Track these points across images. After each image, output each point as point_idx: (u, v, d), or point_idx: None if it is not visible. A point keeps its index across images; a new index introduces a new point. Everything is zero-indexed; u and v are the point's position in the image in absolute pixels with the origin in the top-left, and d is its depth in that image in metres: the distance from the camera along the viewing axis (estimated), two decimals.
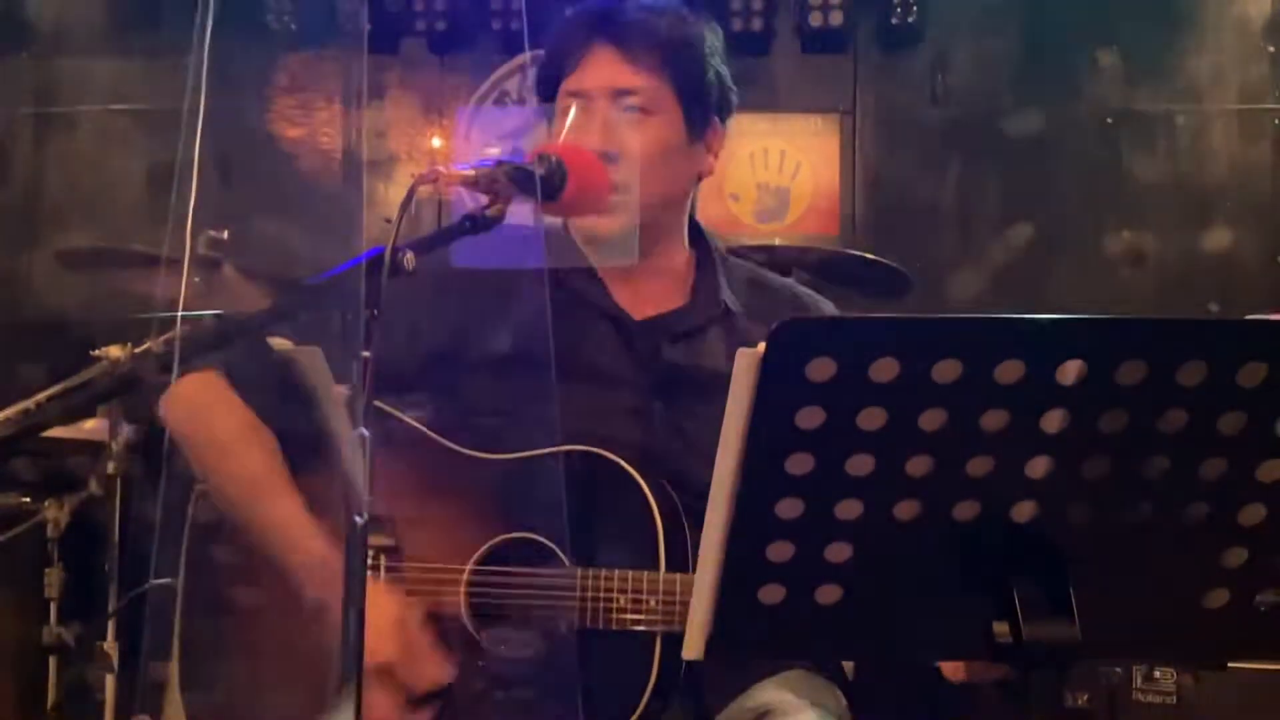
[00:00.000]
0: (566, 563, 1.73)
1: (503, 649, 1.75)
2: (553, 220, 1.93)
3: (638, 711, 1.67)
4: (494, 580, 1.77)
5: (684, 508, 1.73)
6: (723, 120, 1.96)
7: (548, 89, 1.93)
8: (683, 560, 1.72)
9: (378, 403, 1.73)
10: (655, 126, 1.87)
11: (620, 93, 1.86)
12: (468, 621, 1.76)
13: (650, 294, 1.94)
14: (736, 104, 1.98)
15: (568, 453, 1.76)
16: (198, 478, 1.87)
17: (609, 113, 1.85)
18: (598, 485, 1.73)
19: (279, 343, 1.75)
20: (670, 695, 1.71)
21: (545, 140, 1.91)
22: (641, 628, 1.69)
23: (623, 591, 1.70)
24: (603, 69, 1.87)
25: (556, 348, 1.78)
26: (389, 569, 1.76)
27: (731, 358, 1.86)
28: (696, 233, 2.01)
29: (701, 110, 1.92)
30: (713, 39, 1.95)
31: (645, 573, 1.71)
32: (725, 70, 1.95)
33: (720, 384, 1.86)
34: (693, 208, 2.00)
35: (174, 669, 1.85)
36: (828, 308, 2.02)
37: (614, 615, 1.70)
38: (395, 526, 1.77)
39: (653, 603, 1.69)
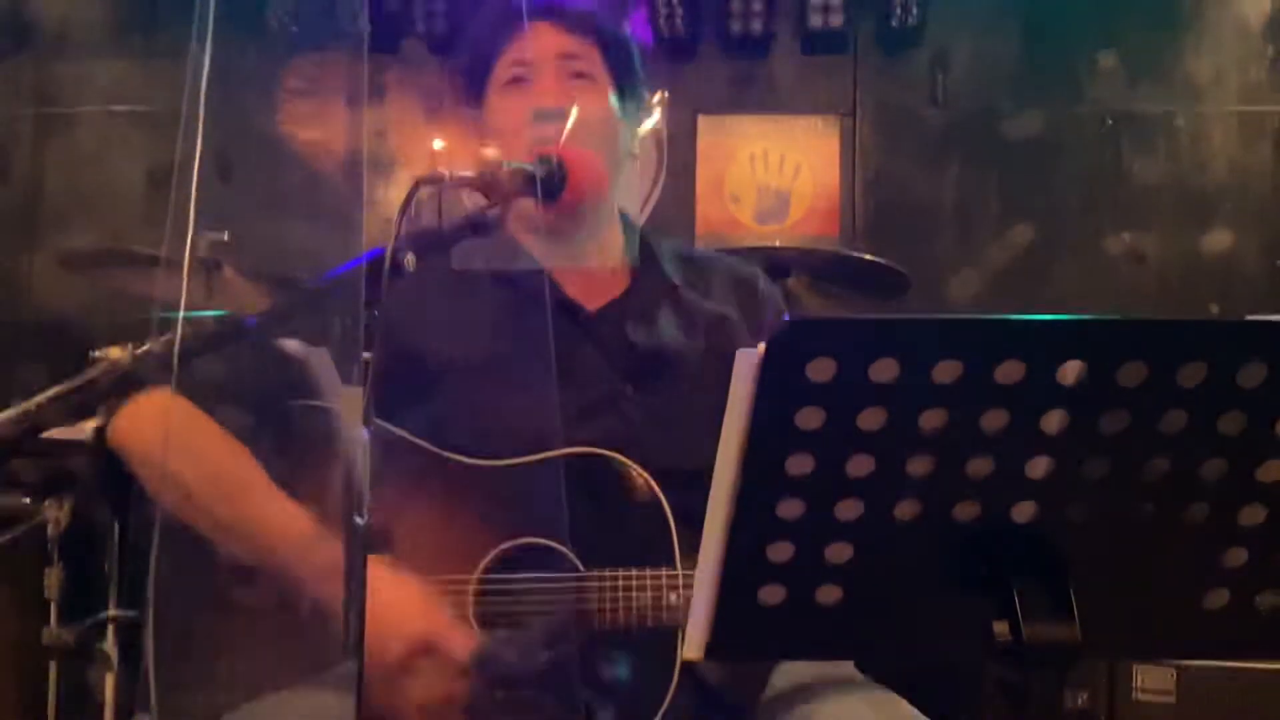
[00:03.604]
0: (580, 566, 1.72)
1: (507, 655, 1.74)
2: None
3: (663, 708, 1.67)
4: (503, 588, 1.76)
5: (674, 496, 1.72)
6: (639, 115, 2.01)
7: (477, 74, 1.95)
8: (691, 550, 1.71)
9: (378, 422, 1.72)
10: (600, 92, 1.91)
11: (566, 57, 1.90)
12: (477, 631, 1.75)
13: (598, 282, 1.95)
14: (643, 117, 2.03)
15: (571, 456, 1.75)
16: (160, 499, 1.80)
17: (558, 78, 1.89)
18: (605, 486, 1.73)
19: (290, 344, 1.75)
20: (695, 690, 1.71)
21: (487, 147, 1.91)
22: (664, 623, 1.69)
23: (641, 589, 1.70)
24: (546, 38, 1.91)
25: (524, 354, 1.79)
26: None
27: (685, 332, 1.90)
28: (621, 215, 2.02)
29: (630, 92, 1.96)
30: (629, 33, 2.02)
31: (664, 570, 1.70)
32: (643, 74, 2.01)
33: (682, 361, 1.89)
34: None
35: (150, 679, 1.83)
36: (762, 280, 2.04)
37: (635, 614, 1.70)
38: (394, 541, 1.75)
39: (673, 598, 1.69)
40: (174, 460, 1.82)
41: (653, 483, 1.72)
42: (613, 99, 1.92)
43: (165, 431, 1.81)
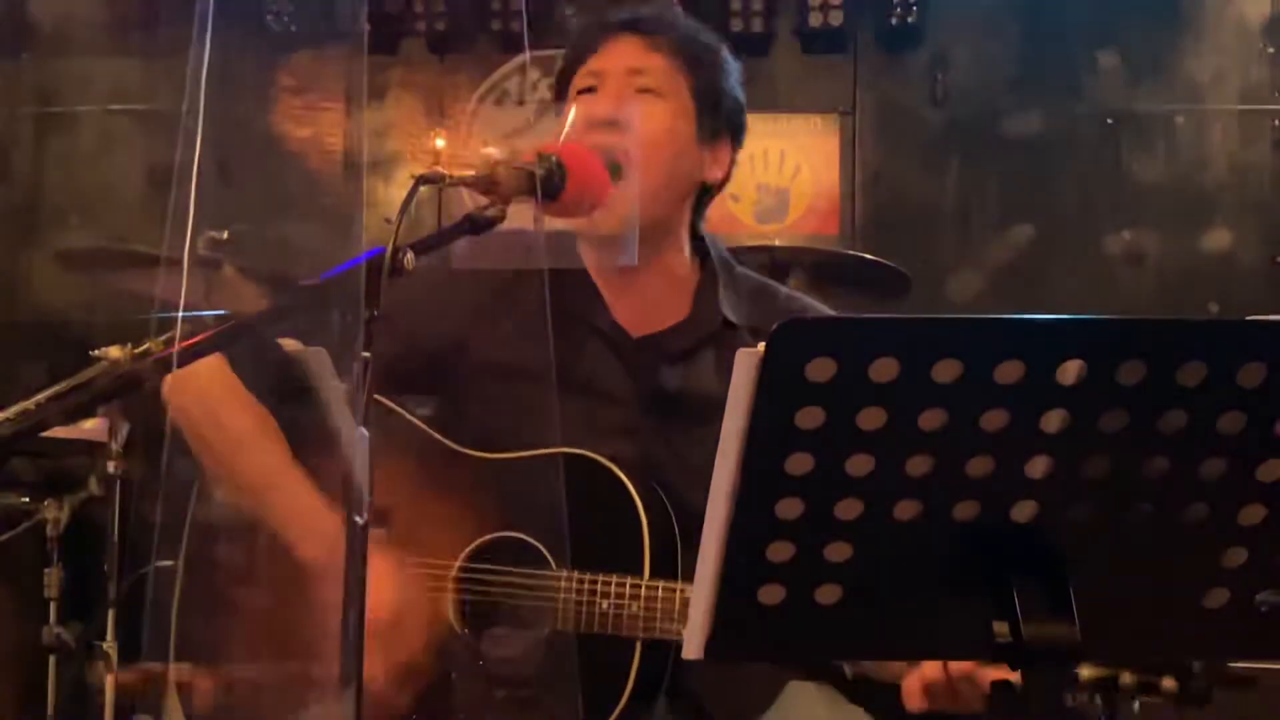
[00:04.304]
0: (553, 564, 1.73)
1: (496, 649, 1.75)
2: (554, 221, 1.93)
3: (612, 718, 1.67)
4: (481, 578, 1.77)
5: (675, 519, 1.73)
6: (734, 143, 1.98)
7: (564, 80, 1.97)
8: (670, 567, 1.71)
9: (379, 398, 1.74)
10: (665, 108, 1.89)
11: (635, 72, 1.90)
12: (453, 618, 1.76)
13: (650, 306, 1.93)
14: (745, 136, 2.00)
15: (560, 455, 1.75)
16: (202, 466, 1.86)
17: (622, 89, 1.89)
18: (588, 488, 1.73)
19: (288, 343, 1.75)
20: (651, 705, 1.71)
21: (554, 137, 1.92)
22: (622, 633, 1.69)
23: (605, 596, 1.70)
24: (622, 51, 1.92)
25: (548, 364, 1.79)
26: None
27: (722, 376, 1.88)
28: (703, 246, 1.99)
29: (713, 115, 1.93)
30: (731, 62, 1.99)
31: (629, 578, 1.70)
32: (741, 97, 1.99)
33: (711, 407, 1.87)
34: (697, 219, 1.99)
35: (170, 668, 1.85)
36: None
37: (596, 620, 1.70)
38: (391, 519, 1.76)
39: (634, 608, 1.69)
40: (207, 427, 1.86)
41: (634, 491, 1.72)
42: (683, 119, 1.90)
43: (198, 399, 1.84)
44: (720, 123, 1.95)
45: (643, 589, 1.70)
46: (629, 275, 1.92)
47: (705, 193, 1.97)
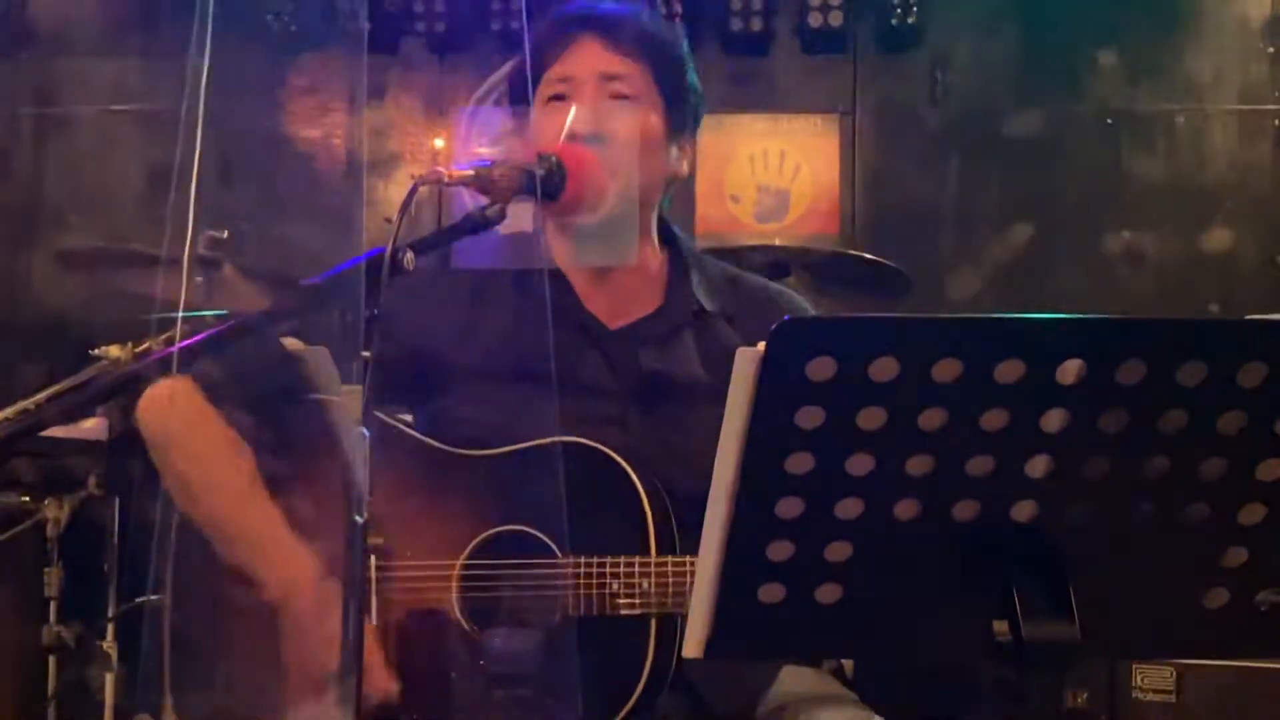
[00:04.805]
0: (558, 553, 1.73)
1: (500, 645, 1.75)
2: (528, 226, 1.94)
3: (632, 700, 1.68)
4: (485, 575, 1.77)
5: (670, 506, 1.73)
6: (693, 129, 2.00)
7: (526, 86, 1.93)
8: (670, 545, 1.72)
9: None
10: (641, 113, 1.89)
11: (607, 78, 1.88)
12: (461, 618, 1.76)
13: (624, 299, 1.93)
14: (704, 114, 2.02)
15: (553, 445, 1.76)
16: (166, 485, 1.84)
17: (597, 97, 1.87)
18: (584, 475, 1.73)
19: (291, 342, 1.75)
20: (665, 681, 1.71)
21: (524, 144, 1.92)
22: (637, 612, 1.69)
23: (615, 577, 1.70)
24: (589, 56, 1.89)
25: (532, 361, 1.79)
26: (379, 568, 1.75)
27: (706, 361, 1.90)
28: (668, 233, 2.00)
29: (680, 109, 1.95)
30: (687, 47, 2.00)
31: (637, 557, 1.71)
32: (699, 85, 2.00)
33: (695, 390, 1.89)
34: (663, 208, 2.00)
35: (164, 670, 1.84)
36: (803, 305, 2.02)
37: (608, 601, 1.70)
38: (386, 526, 1.76)
39: (645, 585, 1.70)
40: (175, 454, 1.84)
41: (633, 475, 1.72)
42: (656, 119, 1.90)
43: (166, 426, 1.82)
44: (687, 116, 1.97)
45: (651, 565, 1.70)
46: (602, 269, 1.92)
47: (671, 182, 1.98)
